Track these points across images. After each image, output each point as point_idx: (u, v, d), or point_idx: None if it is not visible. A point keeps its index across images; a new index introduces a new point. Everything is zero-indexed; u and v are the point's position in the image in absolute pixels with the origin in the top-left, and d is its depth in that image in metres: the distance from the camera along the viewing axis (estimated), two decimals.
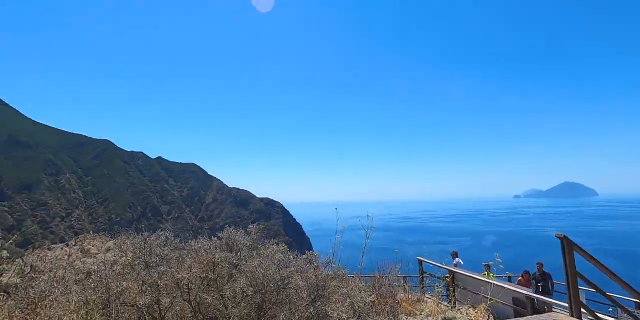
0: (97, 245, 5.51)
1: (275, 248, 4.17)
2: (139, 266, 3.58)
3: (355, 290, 4.19)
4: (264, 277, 3.73)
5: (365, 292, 4.53)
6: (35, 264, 4.56)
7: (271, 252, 4.04)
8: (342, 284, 4.30)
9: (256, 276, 3.72)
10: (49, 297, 3.51)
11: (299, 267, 4.00)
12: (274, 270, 3.84)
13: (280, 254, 4.04)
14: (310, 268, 4.11)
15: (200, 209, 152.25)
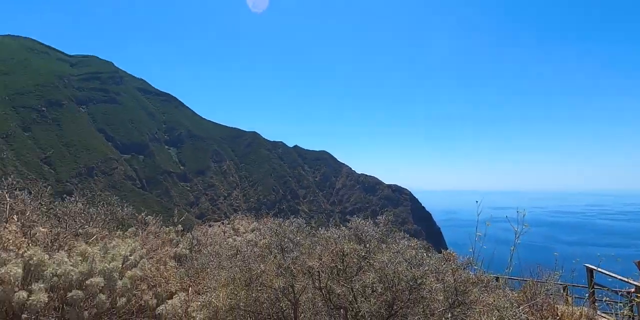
0: (244, 225, 6.22)
1: (406, 243, 3.84)
2: (275, 250, 3.79)
3: (505, 301, 3.50)
4: (394, 274, 3.47)
5: (517, 305, 3.76)
6: (200, 239, 5.35)
7: (402, 247, 3.72)
8: (486, 291, 3.66)
9: (386, 273, 3.48)
10: (207, 269, 4.03)
11: (434, 266, 3.58)
12: (406, 267, 3.52)
13: (412, 250, 3.68)
14: (447, 269, 3.63)
15: (332, 194, 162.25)
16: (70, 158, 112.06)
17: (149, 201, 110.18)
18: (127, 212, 5.17)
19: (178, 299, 3.68)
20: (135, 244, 4.27)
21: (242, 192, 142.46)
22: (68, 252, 3.61)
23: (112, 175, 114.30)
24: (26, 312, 2.99)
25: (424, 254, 3.69)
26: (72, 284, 3.30)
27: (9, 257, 3.21)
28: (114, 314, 3.58)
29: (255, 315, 3.49)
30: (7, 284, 2.98)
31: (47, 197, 4.83)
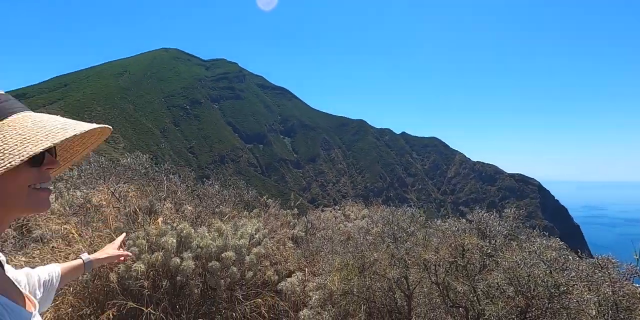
0: (354, 212, 6.27)
1: (544, 242, 3.25)
2: (388, 239, 3.69)
3: None
4: (529, 277, 2.98)
5: None
6: (314, 222, 5.59)
7: (540, 247, 3.17)
8: None
9: (518, 275, 3.02)
10: (321, 252, 4.18)
11: (584, 273, 2.94)
12: (544, 271, 2.98)
13: (552, 251, 3.10)
14: (602, 277, 2.94)
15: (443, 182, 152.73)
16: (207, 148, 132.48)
17: (267, 186, 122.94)
18: (251, 195, 5.75)
19: (296, 278, 3.93)
20: (259, 224, 4.69)
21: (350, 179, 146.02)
22: (208, 227, 4.18)
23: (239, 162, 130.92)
24: (179, 275, 3.57)
25: (569, 256, 3.07)
26: (211, 256, 3.83)
27: (167, 229, 3.88)
28: (243, 285, 4.03)
29: (368, 302, 3.48)
30: (166, 251, 3.61)
31: (192, 181, 5.67)
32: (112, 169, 5.12)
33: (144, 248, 3.72)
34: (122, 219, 4.30)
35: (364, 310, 3.39)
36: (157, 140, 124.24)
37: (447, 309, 3.52)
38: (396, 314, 3.56)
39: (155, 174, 4.95)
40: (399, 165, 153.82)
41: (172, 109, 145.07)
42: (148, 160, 5.14)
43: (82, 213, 4.27)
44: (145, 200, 4.56)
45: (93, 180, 4.94)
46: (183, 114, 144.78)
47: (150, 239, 3.83)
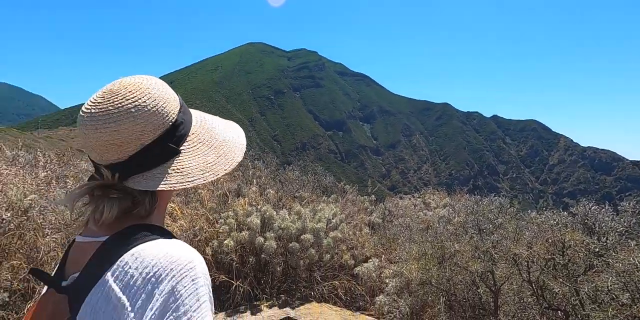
0: (435, 200, 5.97)
1: None
2: (472, 230, 3.43)
3: None
4: None
5: None
6: (392, 209, 5.49)
7: None
8: None
9: (636, 279, 2.54)
10: (398, 240, 4.10)
11: None
12: None
13: None
14: None
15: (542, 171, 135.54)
16: (290, 135, 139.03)
17: (347, 172, 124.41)
18: (329, 181, 5.87)
19: (372, 264, 3.94)
20: (336, 209, 4.79)
21: (433, 166, 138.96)
22: (288, 210, 4.41)
23: (319, 149, 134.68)
24: (263, 253, 3.86)
25: None
26: (291, 237, 4.05)
27: (252, 210, 4.21)
28: (321, 266, 4.19)
29: (448, 294, 3.32)
30: (251, 230, 3.92)
31: (274, 166, 6.01)
32: None
33: (233, 226, 4.11)
34: (215, 200, 4.80)
35: (443, 302, 3.25)
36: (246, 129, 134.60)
37: (542, 310, 3.17)
38: (480, 309, 3.33)
39: (242, 160, 5.39)
40: (488, 151, 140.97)
41: (258, 100, 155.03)
42: None
43: (183, 194, 4.88)
44: (234, 184, 5.00)
45: None
46: (268, 104, 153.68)
47: (238, 218, 4.21)
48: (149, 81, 0.76)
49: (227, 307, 3.79)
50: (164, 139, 0.74)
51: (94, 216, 0.70)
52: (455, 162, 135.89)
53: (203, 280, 0.66)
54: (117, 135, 0.69)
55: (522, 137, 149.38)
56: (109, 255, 0.67)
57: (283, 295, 4.00)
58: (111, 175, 0.70)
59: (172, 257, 0.65)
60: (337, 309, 3.72)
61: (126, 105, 0.70)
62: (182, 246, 0.69)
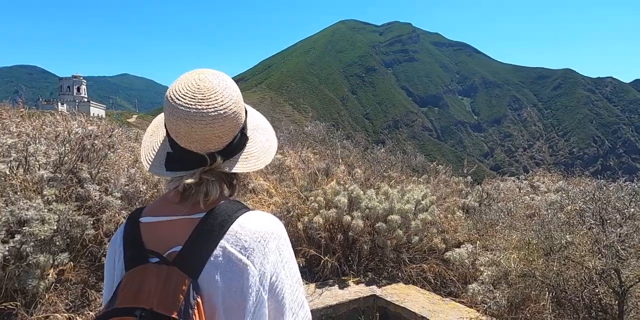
0: (546, 183, 5.23)
1: None
2: (592, 220, 2.92)
3: None
4: None
5: None
6: (490, 192, 5.03)
7: None
8: None
9: None
10: (497, 226, 3.76)
11: None
12: None
13: None
14: None
15: None
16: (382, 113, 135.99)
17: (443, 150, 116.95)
18: (419, 161, 5.62)
19: (465, 250, 3.70)
20: (426, 190, 4.59)
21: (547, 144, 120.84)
22: (376, 190, 4.40)
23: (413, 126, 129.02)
24: (351, 231, 3.96)
25: None
26: (378, 217, 4.05)
27: (339, 189, 4.31)
28: (410, 248, 4.11)
29: (556, 290, 2.94)
30: (339, 209, 4.04)
31: (363, 145, 6.00)
32: (298, 136, 5.99)
33: (322, 204, 4.29)
34: (306, 178, 5.05)
35: (550, 298, 2.89)
36: (338, 108, 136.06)
37: None
38: (599, 312, 2.87)
39: (330, 140, 5.50)
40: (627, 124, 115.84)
41: (349, 78, 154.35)
42: (325, 128, 5.73)
43: (277, 172, 5.25)
44: (323, 163, 5.16)
45: (285, 145, 5.94)
46: (359, 82, 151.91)
47: (326, 197, 4.37)
48: (224, 75, 0.88)
49: (317, 279, 4.04)
50: (243, 128, 0.90)
51: (200, 196, 0.84)
52: (579, 138, 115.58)
53: (289, 240, 0.90)
54: (223, 129, 0.83)
55: None
56: (218, 227, 0.82)
57: (370, 273, 4.07)
58: (216, 162, 0.83)
59: (269, 223, 0.87)
60: (425, 292, 3.64)
61: (227, 103, 0.83)
62: (269, 215, 0.91)
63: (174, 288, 0.75)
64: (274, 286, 0.83)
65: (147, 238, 0.86)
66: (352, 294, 3.63)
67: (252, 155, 0.91)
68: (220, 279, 0.78)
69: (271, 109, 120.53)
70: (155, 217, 0.88)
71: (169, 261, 0.80)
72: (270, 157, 0.95)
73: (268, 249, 0.83)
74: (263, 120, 1.01)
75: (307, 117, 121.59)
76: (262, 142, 0.94)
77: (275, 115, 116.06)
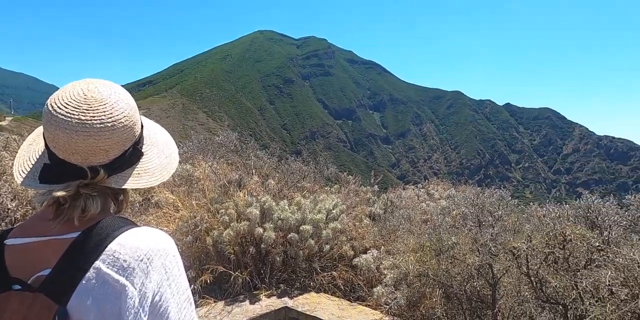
0: (439, 191, 5.91)
1: None
2: (471, 222, 3.39)
3: None
4: None
5: None
6: (394, 200, 5.46)
7: None
8: None
9: (637, 275, 2.48)
10: (398, 231, 4.08)
11: None
12: None
13: None
14: None
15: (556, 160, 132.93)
16: (299, 124, 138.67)
17: (356, 161, 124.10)
18: (330, 171, 5.85)
19: (371, 255, 3.94)
20: (337, 200, 4.78)
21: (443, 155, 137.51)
22: (289, 201, 4.42)
23: (328, 138, 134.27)
24: (263, 243, 3.89)
25: None
26: (290, 228, 4.07)
27: (252, 201, 4.22)
28: (321, 257, 4.21)
29: (445, 286, 3.31)
30: (251, 221, 3.95)
31: (277, 156, 6.00)
32: (209, 146, 5.73)
33: (233, 217, 4.14)
34: (217, 190, 4.83)
35: (440, 294, 3.24)
36: (256, 118, 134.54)
37: (540, 304, 3.14)
38: (477, 302, 3.32)
39: (243, 150, 5.39)
40: (501, 140, 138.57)
41: (267, 89, 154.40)
42: (237, 137, 5.60)
43: (186, 184, 4.93)
44: (236, 174, 5.01)
45: (195, 155, 5.62)
46: (277, 93, 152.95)
47: (238, 209, 4.24)
48: (119, 87, 0.85)
49: (227, 296, 3.85)
50: (137, 142, 0.87)
51: (76, 212, 0.77)
52: (466, 151, 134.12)
53: (179, 256, 0.86)
54: (109, 142, 0.79)
55: (536, 125, 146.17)
56: (94, 247, 0.76)
57: (282, 285, 4.05)
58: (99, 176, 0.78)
59: (154, 240, 0.82)
60: (335, 299, 3.75)
61: (117, 115, 0.79)
62: (156, 231, 0.86)
63: (38, 317, 0.68)
64: (157, 306, 0.79)
65: (12, 263, 0.76)
66: (264, 308, 3.55)
67: (146, 172, 0.88)
68: (93, 303, 0.72)
69: (183, 116, 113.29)
70: (24, 238, 0.78)
71: (33, 288, 0.72)
72: (167, 174, 0.93)
73: (152, 267, 0.78)
74: (164, 135, 0.99)
75: (223, 126, 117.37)
76: (159, 159, 0.92)
77: (187, 122, 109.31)
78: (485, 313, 3.28)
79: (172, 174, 0.96)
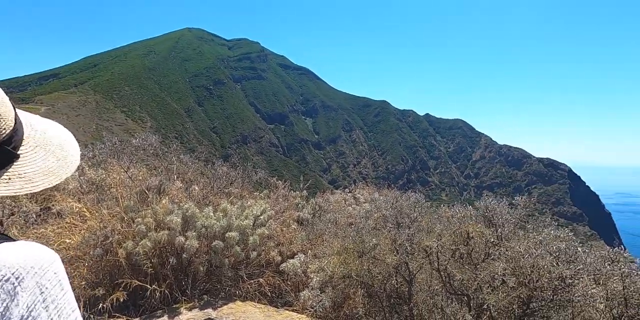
0: (364, 195, 6.21)
1: (552, 232, 3.09)
2: (390, 224, 3.63)
3: None
4: (532, 268, 2.86)
5: None
6: (322, 205, 5.58)
7: (547, 237, 3.02)
8: None
9: (522, 265, 2.91)
10: (324, 235, 4.18)
11: (593, 266, 2.79)
12: (549, 262, 2.86)
13: (561, 242, 2.95)
14: (612, 271, 2.79)
15: (467, 166, 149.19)
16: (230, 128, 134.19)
17: (289, 166, 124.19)
18: (260, 176, 5.77)
19: (298, 260, 3.97)
20: (265, 205, 4.73)
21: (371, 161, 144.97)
22: (214, 208, 4.25)
23: (261, 142, 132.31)
24: (184, 253, 3.67)
25: (577, 248, 2.91)
26: (215, 235, 3.91)
27: (173, 208, 3.97)
28: (248, 264, 4.12)
29: (367, 286, 3.48)
30: (172, 230, 3.70)
31: (203, 161, 5.74)
32: (125, 149, 5.25)
33: (151, 226, 3.84)
34: (133, 197, 4.44)
35: (362, 293, 3.40)
36: (183, 120, 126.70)
37: (449, 295, 3.47)
38: (395, 298, 3.55)
39: (165, 154, 5.04)
40: (421, 147, 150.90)
41: (196, 89, 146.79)
42: (158, 140, 5.23)
43: (95, 192, 4.43)
44: (156, 180, 4.67)
45: (107, 160, 5.10)
46: (207, 94, 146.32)
47: (157, 217, 3.94)
48: None
49: (142, 312, 3.55)
50: (6, 142, 0.74)
51: None
52: (392, 157, 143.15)
53: (63, 273, 0.75)
54: None
55: (450, 135, 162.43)
56: None
57: (206, 296, 3.86)
58: None
59: (27, 257, 0.71)
60: (261, 307, 3.70)
61: None
62: (33, 245, 0.75)
63: None
64: None
65: None
66: None
67: (20, 177, 0.76)
68: None
69: (97, 116, 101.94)
70: None
71: None
72: (57, 179, 0.81)
73: (21, 288, 0.68)
74: (61, 136, 0.87)
75: (145, 128, 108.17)
76: (46, 162, 0.80)
77: (102, 122, 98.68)
78: (402, 308, 3.53)
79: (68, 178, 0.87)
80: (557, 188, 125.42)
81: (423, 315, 3.48)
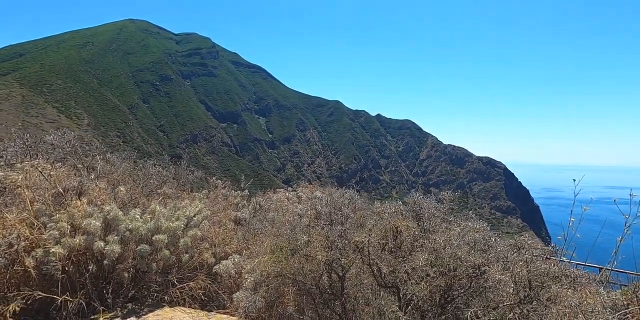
0: (306, 193, 6.22)
1: (470, 225, 3.32)
2: (323, 221, 3.65)
3: (597, 304, 2.84)
4: (451, 258, 3.05)
5: (615, 309, 3.03)
6: (263, 204, 5.48)
7: (465, 229, 3.24)
8: (573, 289, 3.01)
9: (442, 256, 3.08)
10: (260, 235, 4.11)
11: (501, 254, 3.04)
12: (466, 252, 3.06)
13: (475, 233, 3.18)
14: (519, 258, 3.06)
15: (415, 165, 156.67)
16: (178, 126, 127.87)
17: (242, 166, 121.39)
18: (196, 175, 5.54)
19: (232, 260, 3.86)
20: (201, 206, 4.54)
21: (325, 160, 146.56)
22: (142, 210, 3.99)
23: (212, 141, 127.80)
24: (105, 259, 3.40)
25: (490, 238, 3.15)
26: (142, 239, 3.67)
27: (93, 211, 3.66)
28: (180, 268, 3.92)
29: (299, 283, 3.47)
30: (90, 234, 3.41)
31: (132, 160, 5.37)
32: (39, 147, 4.74)
33: (66, 231, 3.50)
34: (48, 200, 4.02)
35: (294, 291, 3.38)
36: (125, 117, 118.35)
37: (380, 288, 3.58)
38: (327, 294, 3.58)
39: (87, 153, 4.63)
40: (373, 147, 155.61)
41: (140, 85, 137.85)
42: (77, 137, 4.79)
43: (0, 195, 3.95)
44: (75, 181, 4.27)
45: (18, 159, 4.57)
46: (153, 90, 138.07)
47: (73, 221, 3.61)
48: None
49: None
50: None
51: None
52: (345, 156, 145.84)
53: None
54: None
55: (400, 134, 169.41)
56: None
57: (130, 304, 3.61)
58: None
59: None
60: (191, 311, 3.54)
61: None
62: None
63: None
64: None
65: None
66: None
67: None
68: None
69: (23, 111, 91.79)
70: None
71: None
72: None
73: None
74: None
75: (82, 125, 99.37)
76: None
77: (30, 119, 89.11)
78: (335, 303, 3.57)
79: None
80: (494, 184, 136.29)
81: (355, 309, 3.56)
